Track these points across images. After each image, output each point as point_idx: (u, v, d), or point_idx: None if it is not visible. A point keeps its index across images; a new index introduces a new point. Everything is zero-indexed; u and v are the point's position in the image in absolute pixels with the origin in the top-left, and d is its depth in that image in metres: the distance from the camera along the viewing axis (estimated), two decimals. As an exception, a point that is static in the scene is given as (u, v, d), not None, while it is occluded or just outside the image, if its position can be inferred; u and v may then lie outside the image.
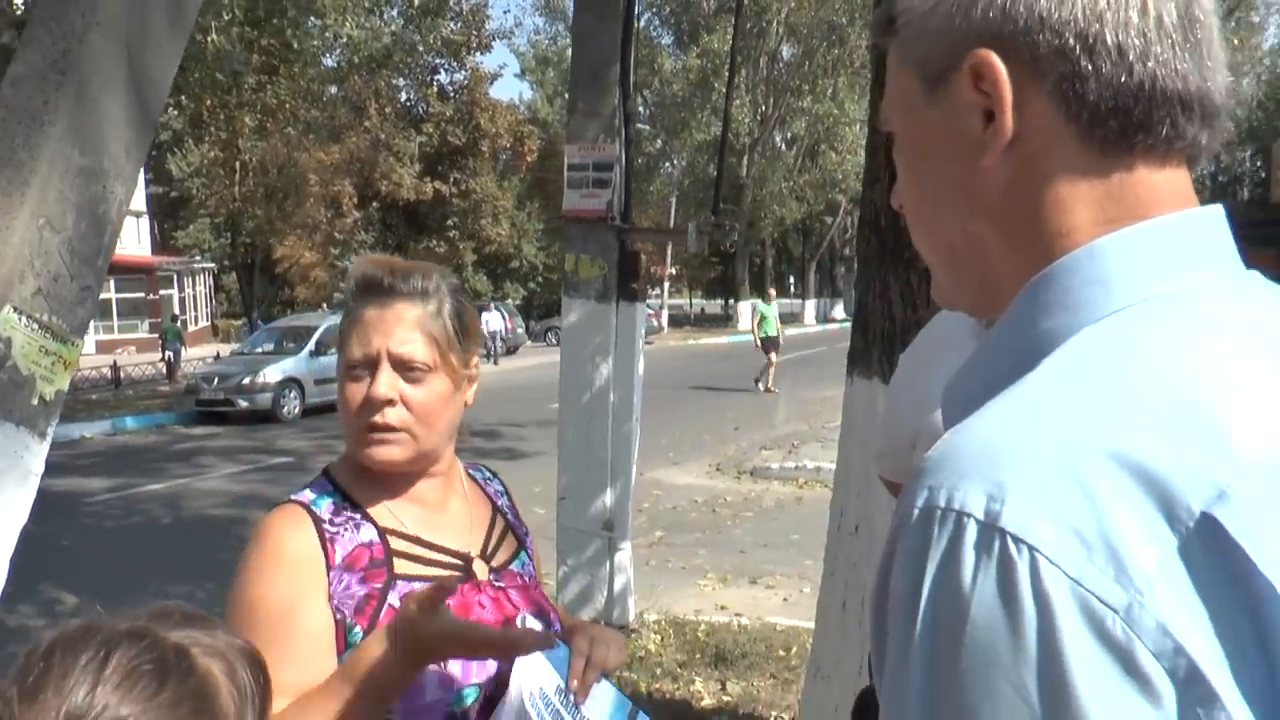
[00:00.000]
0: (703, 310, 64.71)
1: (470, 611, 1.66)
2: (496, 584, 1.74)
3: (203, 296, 45.32)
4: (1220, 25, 0.84)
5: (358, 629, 1.58)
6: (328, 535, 1.63)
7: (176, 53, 2.52)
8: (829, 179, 44.90)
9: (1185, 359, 0.71)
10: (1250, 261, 0.83)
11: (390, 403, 1.64)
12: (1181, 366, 0.71)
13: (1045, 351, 0.76)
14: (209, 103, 17.98)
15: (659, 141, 46.61)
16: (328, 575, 1.60)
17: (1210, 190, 60.76)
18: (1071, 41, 0.77)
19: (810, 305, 53.14)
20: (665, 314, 46.60)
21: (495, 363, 29.72)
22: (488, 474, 1.95)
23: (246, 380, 19.84)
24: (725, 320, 52.24)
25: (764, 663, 6.17)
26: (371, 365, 1.65)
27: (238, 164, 30.92)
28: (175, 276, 41.26)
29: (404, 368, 1.65)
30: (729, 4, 40.25)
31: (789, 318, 52.02)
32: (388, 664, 1.48)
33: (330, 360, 21.28)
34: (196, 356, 30.17)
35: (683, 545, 9.56)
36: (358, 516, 1.67)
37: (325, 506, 1.67)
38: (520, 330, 36.68)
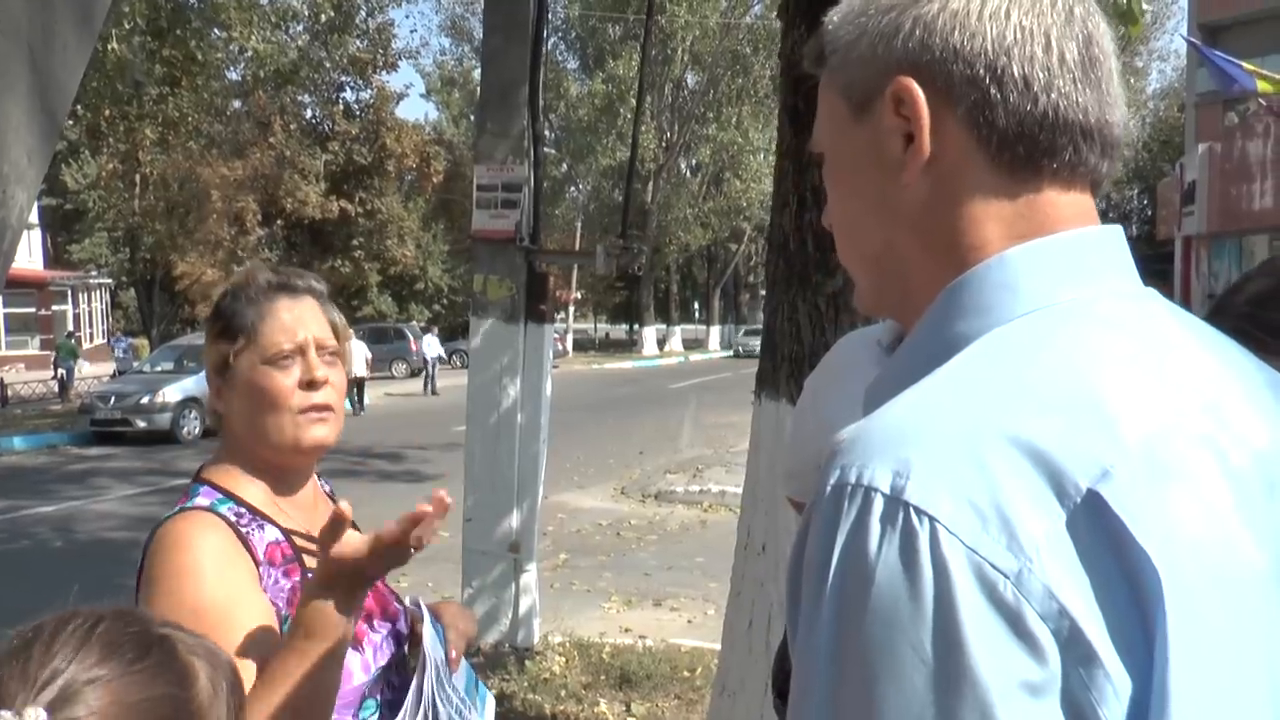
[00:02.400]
0: (607, 335, 64.82)
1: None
2: None
3: (99, 313, 44.14)
4: (1118, 66, 0.91)
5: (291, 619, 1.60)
6: (242, 535, 1.66)
7: (83, 57, 2.47)
8: (733, 206, 45.33)
9: (1080, 355, 0.79)
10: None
11: (325, 381, 1.75)
12: (1076, 362, 0.78)
13: (957, 350, 0.83)
14: (108, 113, 17.59)
15: (564, 165, 46.66)
16: (257, 570, 1.64)
17: (1101, 225, 62.40)
18: (981, 72, 0.85)
19: (715, 331, 53.52)
20: (570, 338, 46.55)
21: (433, 391, 28.34)
22: (321, 480, 1.98)
23: (144, 399, 19.38)
24: (630, 345, 52.38)
25: (668, 684, 6.18)
26: (301, 352, 1.74)
27: (137, 177, 30.23)
28: (69, 292, 40.13)
29: (323, 352, 1.77)
30: (634, 30, 40.53)
31: (693, 344, 52.46)
32: (330, 606, 1.50)
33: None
34: (92, 375, 29.37)
35: (588, 568, 9.54)
36: (258, 519, 1.71)
37: (227, 510, 1.69)
38: (424, 352, 36.35)
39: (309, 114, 38.43)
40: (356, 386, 23.74)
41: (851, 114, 0.92)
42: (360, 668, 1.69)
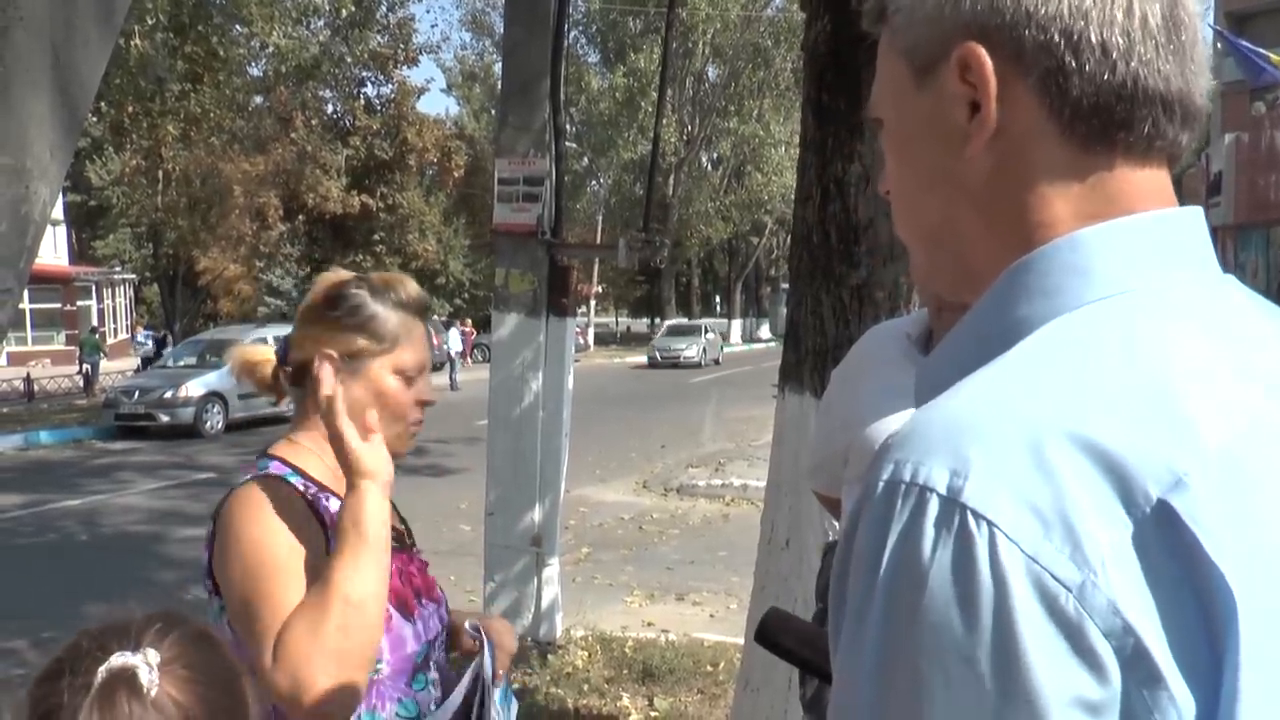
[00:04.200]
0: (629, 329, 64.81)
1: (409, 575, 1.89)
2: (421, 555, 2.02)
3: (123, 308, 44.40)
4: (1204, 29, 0.85)
5: None
6: (310, 501, 1.78)
7: (104, 53, 2.47)
8: (754, 199, 45.28)
9: (1156, 351, 0.73)
10: None
11: (432, 402, 1.95)
12: (1152, 358, 0.72)
13: (1020, 335, 0.77)
14: (131, 109, 17.68)
15: (585, 159, 46.66)
16: (325, 534, 1.74)
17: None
18: (1056, 37, 0.78)
19: (736, 325, 53.46)
20: (591, 332, 46.59)
21: (455, 387, 28.13)
22: None
23: (168, 394, 19.45)
24: (651, 339, 52.42)
25: (691, 678, 6.17)
26: (420, 372, 1.90)
27: (160, 173, 30.32)
28: (94, 287, 40.36)
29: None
30: (655, 24, 40.46)
31: (715, 336, 52.40)
32: (362, 498, 1.67)
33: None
34: (116, 369, 29.52)
35: (610, 562, 9.54)
36: (324, 492, 1.82)
37: (297, 482, 1.80)
38: (447, 346, 36.42)
39: (330, 109, 38.54)
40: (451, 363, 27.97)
41: (914, 79, 0.86)
42: (413, 636, 1.81)
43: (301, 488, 1.78)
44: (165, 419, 19.27)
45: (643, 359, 39.20)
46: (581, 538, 10.45)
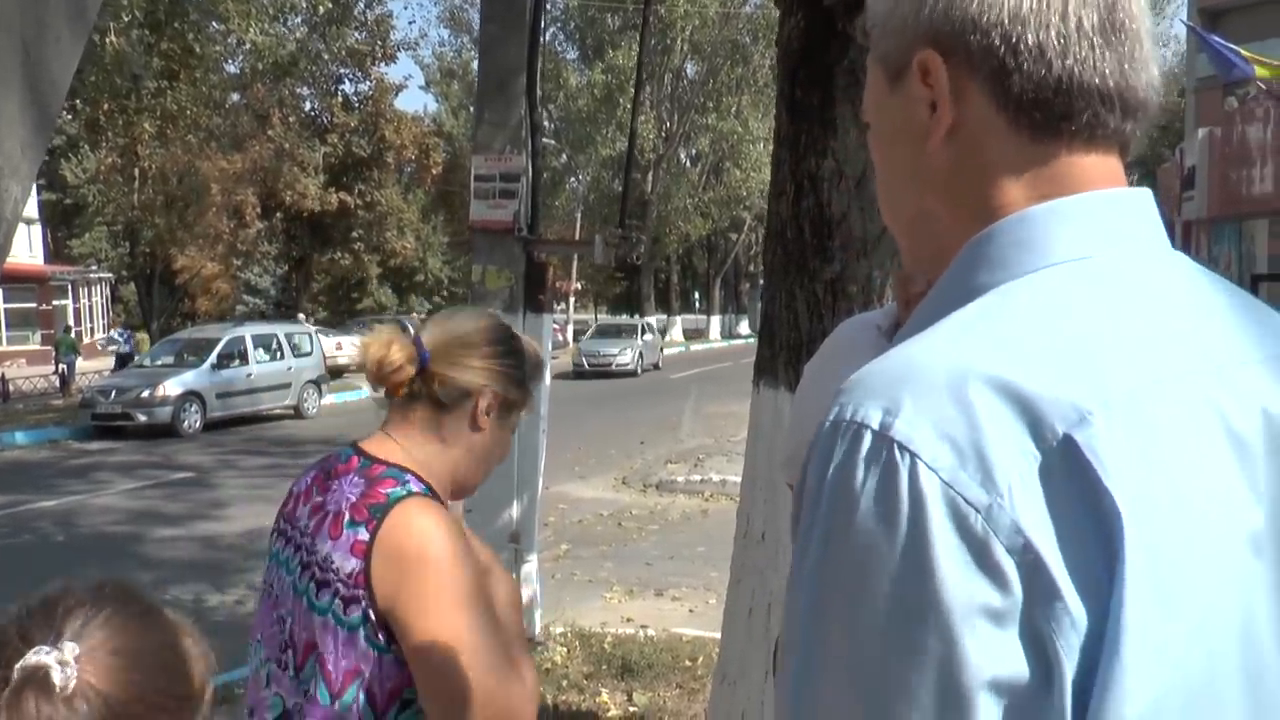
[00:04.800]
0: (609, 325, 64.71)
1: None
2: None
3: (99, 307, 44.12)
4: (1150, 26, 0.94)
5: None
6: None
7: (76, 50, 2.47)
8: (733, 196, 45.28)
9: (1080, 310, 0.83)
10: None
11: None
12: (1075, 316, 0.83)
13: (974, 300, 0.87)
14: (106, 107, 17.56)
15: (564, 156, 46.60)
16: None
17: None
18: (997, 41, 0.88)
19: (715, 321, 53.50)
20: (570, 329, 46.53)
21: None
22: None
23: (145, 393, 19.37)
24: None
25: (670, 673, 6.19)
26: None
27: (136, 171, 30.09)
28: (70, 286, 40.10)
29: None
30: (634, 21, 40.44)
31: (694, 334, 52.42)
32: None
33: (232, 373, 20.97)
34: (93, 369, 29.34)
35: (589, 558, 9.55)
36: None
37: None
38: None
39: (308, 106, 38.30)
40: None
41: (888, 84, 0.97)
42: None
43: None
44: (143, 418, 19.20)
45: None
46: (561, 534, 10.46)
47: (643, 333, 33.96)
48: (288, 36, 27.15)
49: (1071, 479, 0.74)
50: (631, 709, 5.74)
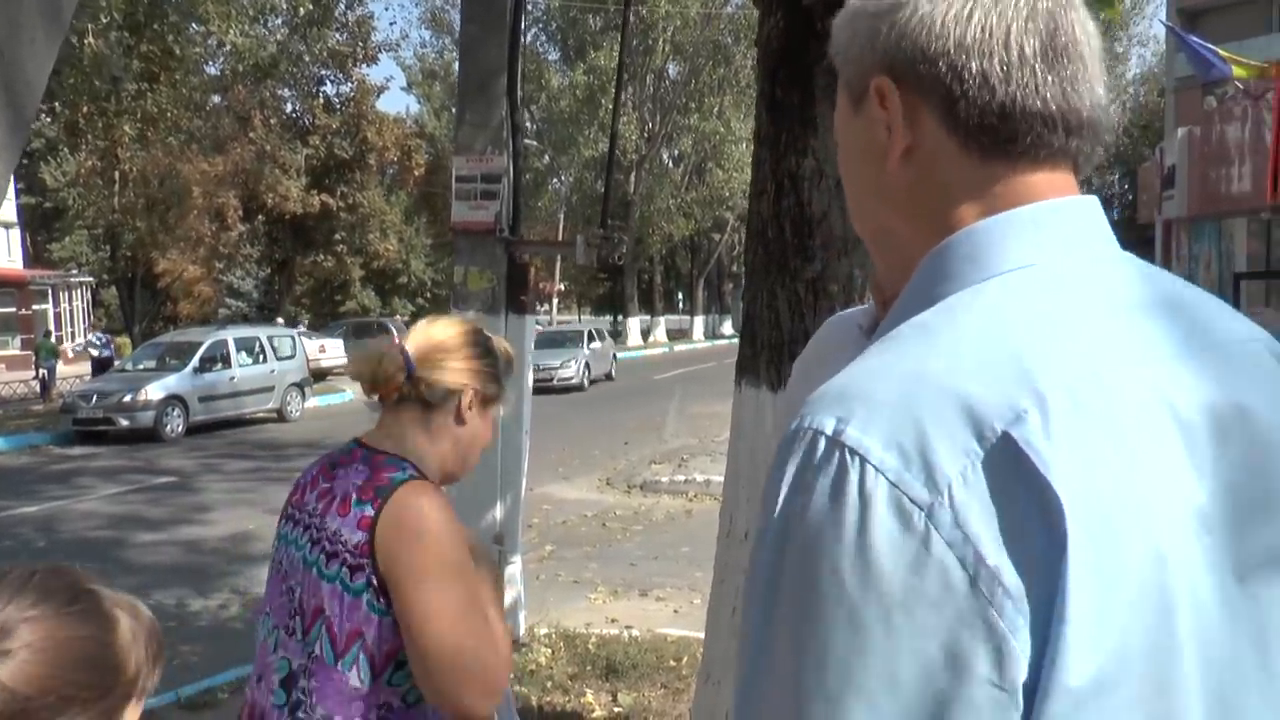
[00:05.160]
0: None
1: None
2: None
3: (80, 312, 43.88)
4: (1098, 46, 1.01)
5: None
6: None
7: (51, 51, 2.45)
8: (716, 196, 45.33)
9: (1019, 314, 0.89)
10: None
11: None
12: (1013, 319, 0.89)
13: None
14: (85, 109, 17.46)
15: (546, 157, 46.56)
16: None
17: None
18: (944, 70, 0.96)
19: (699, 321, 53.54)
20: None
21: None
22: None
23: (127, 398, 19.27)
24: (614, 336, 52.38)
25: (655, 673, 6.19)
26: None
27: (117, 174, 29.97)
28: (50, 291, 39.87)
29: None
30: (615, 21, 40.42)
31: (677, 334, 52.46)
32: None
33: (215, 377, 20.91)
34: (74, 374, 29.19)
35: (573, 559, 9.55)
36: None
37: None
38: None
39: (289, 108, 38.20)
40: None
41: (852, 107, 1.05)
42: None
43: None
44: (125, 423, 19.10)
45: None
46: (545, 535, 10.45)
47: (589, 340, 30.17)
48: (268, 38, 27.04)
49: (1012, 473, 0.79)
50: (616, 709, 5.73)
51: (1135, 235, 40.39)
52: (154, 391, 19.49)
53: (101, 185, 30.99)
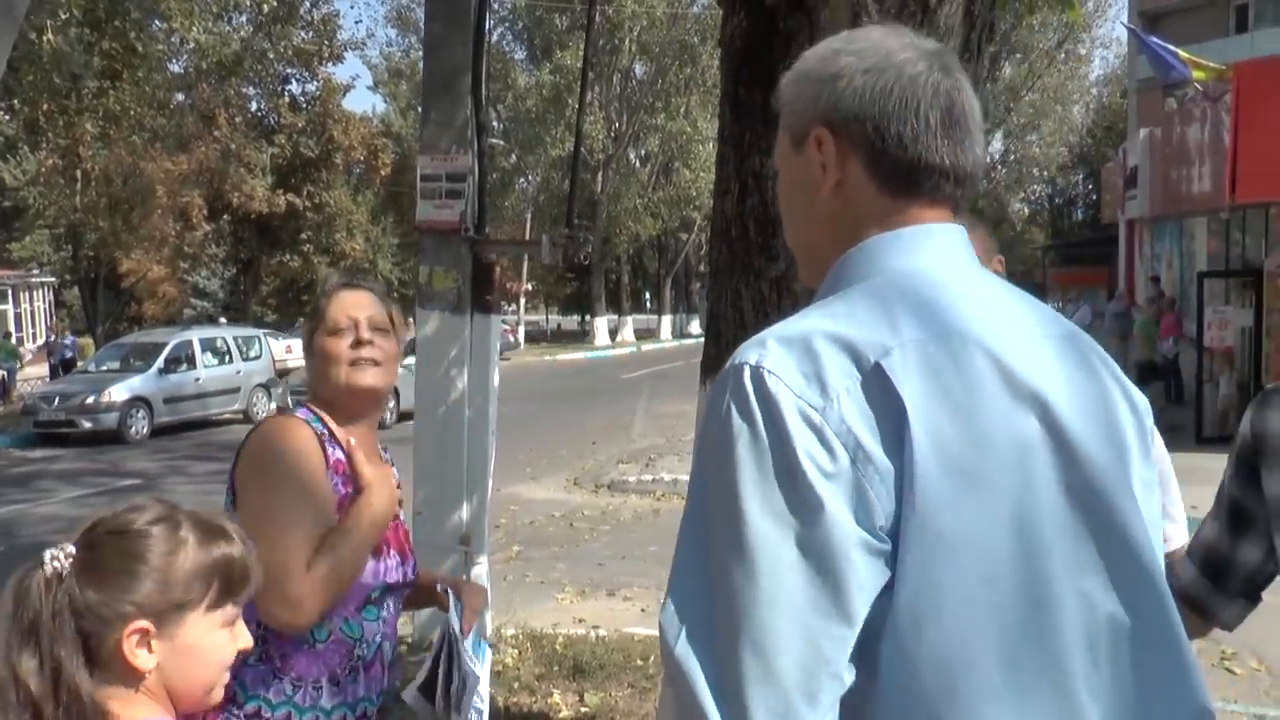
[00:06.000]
0: (559, 326, 64.69)
1: (390, 529, 2.38)
2: (397, 516, 2.46)
3: (41, 312, 43.35)
4: (977, 110, 1.36)
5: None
6: (322, 443, 2.31)
7: (4, 47, 2.42)
8: (683, 196, 45.33)
9: (893, 293, 1.25)
10: (1083, 278, 1.22)
11: (372, 343, 2.39)
12: (889, 296, 1.25)
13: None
14: (45, 107, 17.26)
15: (513, 157, 46.41)
16: (327, 468, 2.29)
17: (1049, 212, 63.24)
18: (870, 130, 1.31)
19: (666, 321, 53.56)
20: (521, 330, 46.39)
21: None
22: (382, 447, 2.59)
23: (90, 399, 19.04)
24: (582, 336, 52.28)
25: (622, 673, 6.18)
26: (354, 325, 2.39)
27: (79, 172, 29.61)
28: (9, 291, 39.38)
29: (374, 328, 2.41)
30: (582, 21, 40.32)
31: (645, 334, 52.45)
32: (381, 512, 2.27)
33: (180, 378, 20.69)
34: (36, 375, 28.84)
35: (540, 559, 9.53)
36: (333, 440, 2.34)
37: (316, 425, 2.34)
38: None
39: (254, 107, 37.92)
40: None
41: (793, 147, 1.39)
42: (370, 572, 2.28)
43: (319, 429, 2.32)
44: (88, 425, 18.86)
45: (576, 355, 39.03)
46: (512, 536, 10.42)
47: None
48: (232, 35, 26.82)
49: (879, 390, 1.16)
50: (583, 709, 5.73)
51: (1098, 234, 40.69)
52: (118, 393, 19.28)
53: (63, 184, 30.60)
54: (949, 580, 1.14)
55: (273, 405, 22.87)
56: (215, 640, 1.59)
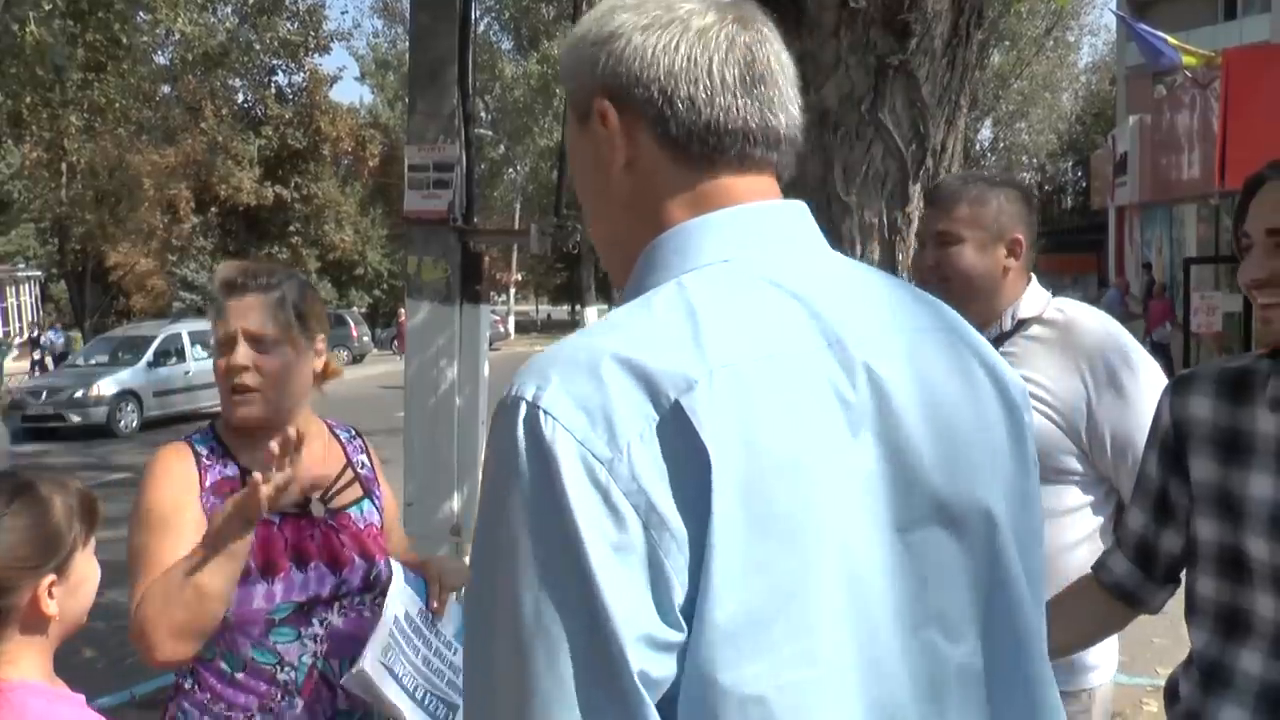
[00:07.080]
0: (549, 316, 64.65)
1: (303, 542, 2.17)
2: (329, 522, 2.23)
3: (28, 307, 43.23)
4: (792, 74, 1.17)
5: None
6: (202, 465, 2.18)
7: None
8: (672, 184, 45.25)
9: (705, 301, 1.03)
10: (1072, 264, 1.05)
11: (245, 369, 2.15)
12: (698, 306, 1.02)
13: None
14: (29, 100, 17.14)
15: (502, 147, 46.34)
16: (200, 493, 2.14)
17: (1038, 199, 63.17)
18: (656, 94, 1.11)
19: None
20: (512, 320, 46.37)
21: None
22: (352, 434, 2.46)
23: (79, 393, 18.99)
24: (572, 326, 52.24)
25: (613, 664, 6.16)
26: (231, 342, 2.15)
27: (64, 165, 29.56)
28: (-4, 285, 39.27)
29: (255, 342, 2.15)
30: (568, 11, 40.22)
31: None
32: (223, 526, 1.97)
33: (170, 371, 20.65)
34: (21, 370, 28.76)
35: (531, 550, 9.49)
36: (226, 458, 2.21)
37: (203, 448, 2.22)
38: (366, 338, 35.99)
39: (241, 98, 37.82)
40: None
41: (578, 125, 1.19)
42: (264, 595, 2.10)
43: (204, 453, 2.20)
44: (76, 419, 18.83)
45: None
46: (503, 526, 10.39)
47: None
48: (218, 26, 26.72)
49: (679, 434, 0.94)
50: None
51: (1088, 221, 40.75)
52: (107, 386, 19.23)
53: (48, 177, 30.54)
54: (756, 667, 0.94)
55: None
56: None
